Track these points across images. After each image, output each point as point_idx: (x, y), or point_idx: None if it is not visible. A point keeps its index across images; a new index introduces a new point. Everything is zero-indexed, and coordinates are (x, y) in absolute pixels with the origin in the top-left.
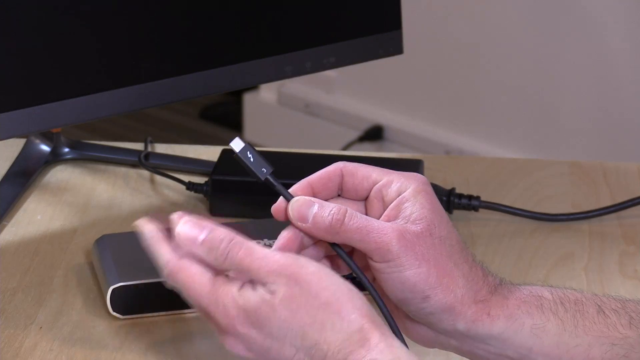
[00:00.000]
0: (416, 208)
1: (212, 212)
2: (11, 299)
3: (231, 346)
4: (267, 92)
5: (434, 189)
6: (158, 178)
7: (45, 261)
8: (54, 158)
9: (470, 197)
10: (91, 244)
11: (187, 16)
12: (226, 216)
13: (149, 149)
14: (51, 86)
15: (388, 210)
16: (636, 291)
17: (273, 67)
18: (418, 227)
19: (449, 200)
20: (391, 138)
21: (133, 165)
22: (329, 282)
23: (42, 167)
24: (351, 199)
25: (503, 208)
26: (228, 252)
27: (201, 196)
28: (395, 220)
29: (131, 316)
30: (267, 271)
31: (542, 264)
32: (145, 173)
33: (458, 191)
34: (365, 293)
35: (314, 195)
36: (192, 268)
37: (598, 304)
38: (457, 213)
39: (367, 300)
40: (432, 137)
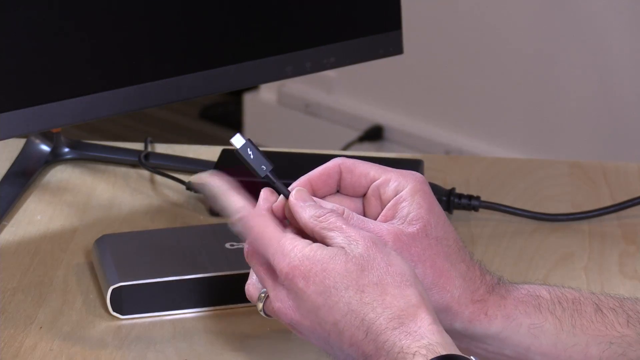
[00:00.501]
0: (413, 208)
1: (212, 212)
2: (11, 299)
3: (281, 301)
4: (267, 92)
5: (434, 189)
6: (158, 178)
7: (45, 261)
8: (54, 158)
9: (470, 197)
10: (91, 244)
11: (187, 16)
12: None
13: (149, 149)
14: (51, 86)
15: (385, 210)
16: (636, 291)
17: (273, 67)
18: (414, 228)
19: (449, 200)
20: (391, 138)
21: (133, 165)
22: (402, 263)
23: (42, 167)
24: (349, 196)
25: (503, 208)
26: (330, 217)
27: (201, 196)
28: (392, 220)
29: (131, 316)
30: (353, 235)
31: (542, 264)
32: (145, 173)
33: (458, 191)
34: None
35: (313, 192)
36: (270, 219)
37: (596, 303)
38: (457, 213)
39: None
40: (432, 137)
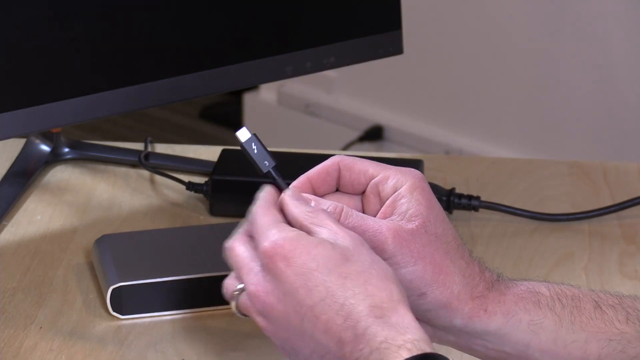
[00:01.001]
0: (412, 205)
1: (212, 212)
2: (11, 299)
3: (256, 284)
4: (267, 92)
5: (434, 189)
6: (158, 178)
7: (45, 261)
8: (54, 158)
9: (470, 197)
10: (91, 244)
11: (187, 16)
12: (226, 216)
13: (149, 149)
14: (51, 86)
15: (384, 207)
16: (636, 291)
17: (273, 67)
18: (413, 225)
19: (449, 200)
20: (391, 138)
21: (133, 165)
22: (386, 265)
23: (42, 167)
24: (348, 194)
25: (503, 208)
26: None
27: (201, 196)
28: (390, 217)
29: (131, 316)
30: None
31: (542, 264)
32: (145, 173)
33: (458, 191)
34: None
35: (313, 190)
36: (274, 209)
37: (595, 300)
38: (457, 213)
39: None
40: (432, 137)
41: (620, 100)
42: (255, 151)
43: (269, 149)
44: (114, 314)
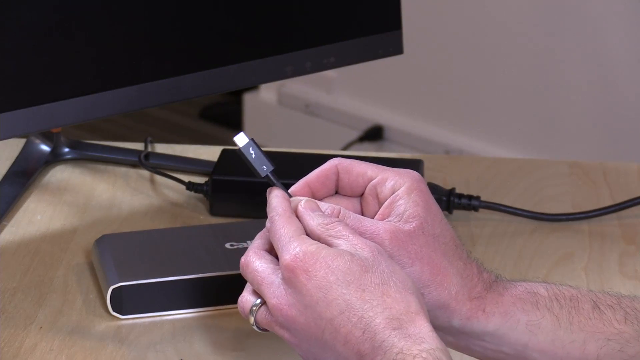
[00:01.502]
0: (409, 206)
1: (212, 212)
2: (11, 299)
3: (278, 297)
4: (267, 92)
5: (434, 189)
6: (158, 178)
7: (45, 261)
8: (54, 158)
9: (470, 197)
10: (91, 244)
11: (187, 16)
12: (226, 216)
13: (149, 149)
14: (51, 86)
15: (382, 208)
16: (636, 291)
17: (273, 67)
18: (411, 226)
19: (449, 200)
20: (391, 138)
21: (133, 165)
22: (405, 274)
23: (42, 167)
24: (347, 196)
25: (503, 208)
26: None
27: (201, 196)
28: (388, 218)
29: (131, 316)
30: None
31: (542, 264)
32: (145, 173)
33: (458, 191)
34: None
35: (313, 194)
36: (295, 220)
37: (593, 300)
38: (457, 213)
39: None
40: (432, 137)
41: (620, 100)
42: (253, 156)
43: (269, 149)
44: (114, 314)
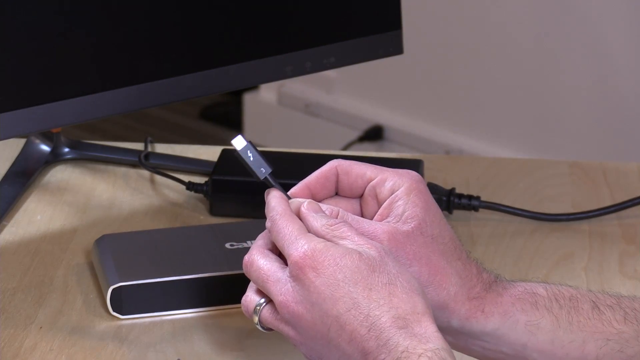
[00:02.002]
0: (408, 206)
1: (212, 212)
2: (11, 299)
3: (285, 294)
4: (267, 92)
5: (434, 189)
6: (158, 178)
7: (45, 261)
8: (54, 158)
9: (470, 197)
10: (91, 244)
11: (187, 16)
12: (226, 216)
13: (149, 149)
14: (51, 86)
15: (381, 209)
16: (636, 291)
17: (273, 67)
18: (409, 226)
19: (449, 200)
20: (391, 138)
21: (133, 165)
22: (411, 276)
23: (42, 167)
24: (347, 197)
25: (503, 208)
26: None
27: (201, 196)
28: (387, 219)
29: (131, 316)
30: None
31: (542, 264)
32: (145, 173)
33: (458, 191)
34: None
35: (312, 196)
36: (297, 219)
37: (593, 300)
38: (457, 213)
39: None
40: (432, 137)
41: (620, 100)
42: (251, 158)
43: (269, 149)
44: (114, 314)
